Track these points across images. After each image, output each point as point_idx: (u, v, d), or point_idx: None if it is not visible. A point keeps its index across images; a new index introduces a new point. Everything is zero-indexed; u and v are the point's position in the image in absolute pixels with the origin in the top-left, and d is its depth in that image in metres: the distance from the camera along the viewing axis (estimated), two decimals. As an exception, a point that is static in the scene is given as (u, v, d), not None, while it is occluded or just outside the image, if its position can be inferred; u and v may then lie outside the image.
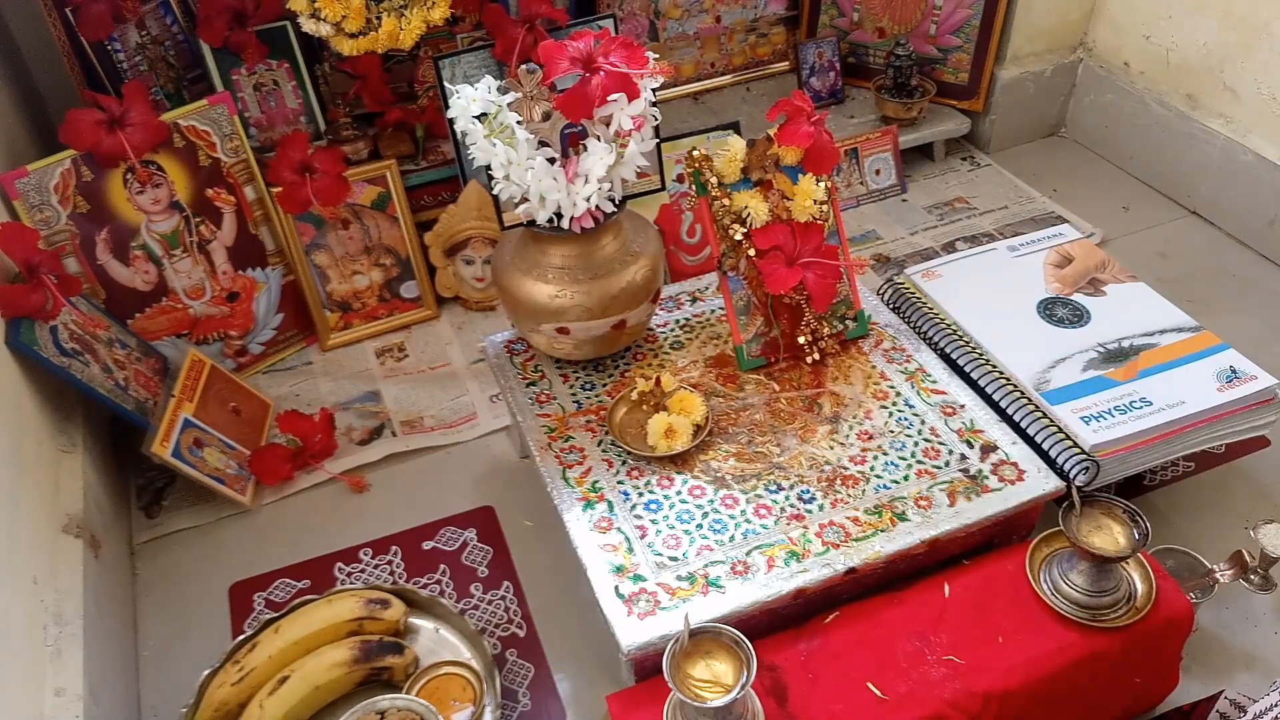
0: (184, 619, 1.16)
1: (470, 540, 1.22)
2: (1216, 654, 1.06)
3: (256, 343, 1.47)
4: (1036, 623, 0.93)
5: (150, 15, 1.45)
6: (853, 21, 1.88)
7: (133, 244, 1.33)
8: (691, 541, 0.98)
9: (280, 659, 1.02)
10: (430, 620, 1.10)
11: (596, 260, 1.09)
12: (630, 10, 1.76)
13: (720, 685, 0.81)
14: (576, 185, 1.02)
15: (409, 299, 1.55)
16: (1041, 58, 1.87)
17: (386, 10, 1.33)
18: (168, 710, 1.05)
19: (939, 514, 1.00)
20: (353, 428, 1.38)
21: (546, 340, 1.14)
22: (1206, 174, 1.70)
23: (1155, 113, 1.76)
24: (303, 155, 1.38)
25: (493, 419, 1.38)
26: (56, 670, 0.95)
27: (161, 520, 1.27)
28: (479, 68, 1.45)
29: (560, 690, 1.06)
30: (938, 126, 1.84)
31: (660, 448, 1.06)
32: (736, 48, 1.88)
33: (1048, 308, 1.22)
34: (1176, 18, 1.70)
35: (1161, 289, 1.25)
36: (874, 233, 1.73)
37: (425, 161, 1.54)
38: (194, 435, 1.25)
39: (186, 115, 1.33)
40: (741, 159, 1.13)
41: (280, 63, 1.47)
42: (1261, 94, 1.60)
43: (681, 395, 1.09)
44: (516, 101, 1.02)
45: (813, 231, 1.13)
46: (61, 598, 1.01)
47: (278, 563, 1.20)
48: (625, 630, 0.90)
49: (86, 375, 1.20)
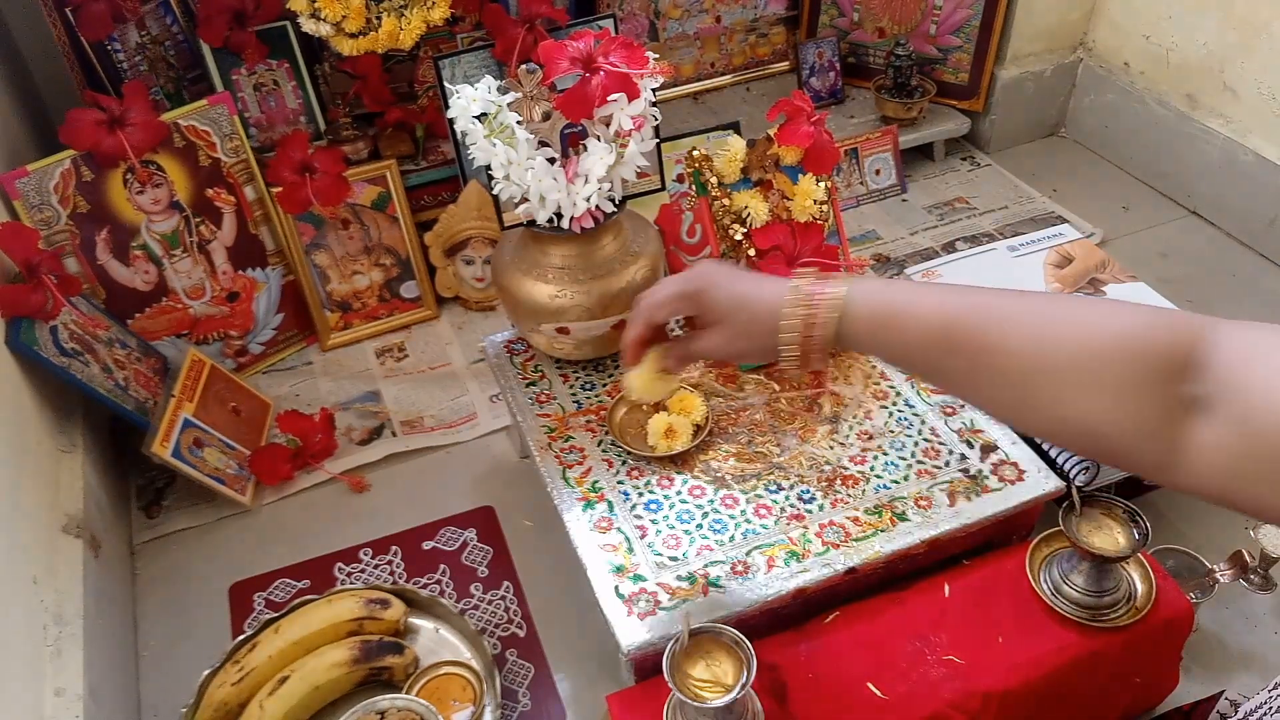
0: (184, 619, 1.16)
1: (470, 540, 1.22)
2: (1216, 654, 1.06)
3: (256, 343, 1.47)
4: (1036, 623, 0.93)
5: (150, 15, 1.45)
6: (853, 21, 1.88)
7: (133, 244, 1.33)
8: (691, 541, 0.98)
9: (280, 659, 1.02)
10: (430, 620, 1.10)
11: (596, 260, 1.09)
12: (630, 10, 1.76)
13: (720, 685, 0.81)
14: (576, 185, 1.02)
15: (409, 299, 1.55)
16: (1041, 58, 1.87)
17: (386, 10, 1.33)
18: (168, 710, 1.05)
19: (939, 514, 1.00)
20: (353, 428, 1.38)
21: (546, 340, 1.14)
22: (1206, 174, 1.70)
23: (1155, 113, 1.76)
24: (303, 155, 1.38)
25: (493, 419, 1.38)
26: (56, 670, 0.95)
27: (161, 520, 1.27)
28: (479, 68, 1.45)
29: (560, 690, 1.06)
30: (938, 126, 1.84)
31: (660, 448, 1.06)
32: (736, 48, 1.88)
33: (1048, 308, 1.22)
34: (1176, 18, 1.70)
35: (1161, 289, 1.25)
36: (874, 233, 1.73)
37: (425, 161, 1.54)
38: (194, 435, 1.25)
39: (186, 115, 1.33)
40: (741, 159, 1.13)
41: (280, 63, 1.47)
42: (1261, 94, 1.60)
43: (681, 395, 1.09)
44: (516, 101, 1.02)
45: (813, 231, 1.13)
46: (61, 598, 1.01)
47: (278, 563, 1.20)
48: (625, 630, 0.90)
49: (86, 375, 1.20)
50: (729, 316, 0.76)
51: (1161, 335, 0.58)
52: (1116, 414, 0.59)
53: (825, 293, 0.70)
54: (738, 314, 0.75)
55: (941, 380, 0.69)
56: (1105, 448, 0.60)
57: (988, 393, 0.65)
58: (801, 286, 0.72)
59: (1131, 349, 0.58)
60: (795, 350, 0.73)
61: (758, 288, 0.75)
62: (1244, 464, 0.54)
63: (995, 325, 0.63)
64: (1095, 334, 0.60)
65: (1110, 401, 0.59)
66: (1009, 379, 0.62)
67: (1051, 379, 0.60)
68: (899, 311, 0.68)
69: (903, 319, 0.68)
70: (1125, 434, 0.59)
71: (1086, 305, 0.65)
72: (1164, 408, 0.57)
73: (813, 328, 0.71)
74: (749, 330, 0.75)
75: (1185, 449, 0.57)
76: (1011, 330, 0.62)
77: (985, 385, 0.65)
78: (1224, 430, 0.55)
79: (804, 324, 0.71)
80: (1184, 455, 0.57)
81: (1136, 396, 0.58)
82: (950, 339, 0.64)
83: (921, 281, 0.85)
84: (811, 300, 0.71)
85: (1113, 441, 0.60)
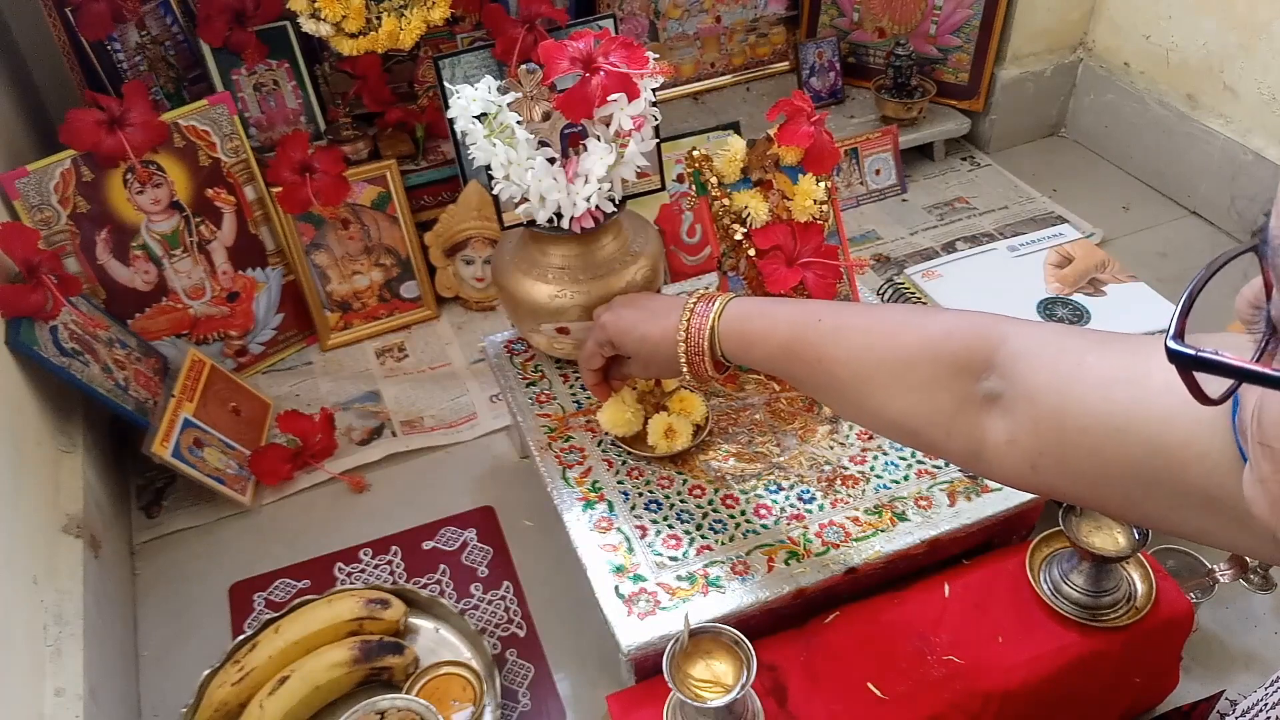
0: (184, 619, 1.16)
1: (470, 540, 1.22)
2: (1216, 654, 1.06)
3: (256, 343, 1.47)
4: (1036, 623, 0.93)
5: (150, 15, 1.45)
6: (853, 21, 1.88)
7: (133, 244, 1.33)
8: (691, 541, 0.98)
9: (280, 659, 1.02)
10: (430, 620, 1.10)
11: (596, 260, 1.09)
12: (630, 10, 1.76)
13: (720, 685, 0.81)
14: (576, 185, 1.02)
15: (409, 299, 1.55)
16: (1041, 58, 1.87)
17: (386, 10, 1.32)
18: (168, 710, 1.05)
19: (939, 514, 1.00)
20: (353, 428, 1.38)
21: (546, 340, 1.14)
22: (1206, 174, 1.70)
23: (1155, 113, 1.76)
24: (303, 155, 1.38)
25: (493, 419, 1.38)
26: (56, 670, 0.95)
27: (161, 520, 1.27)
28: (479, 68, 1.45)
29: (560, 690, 1.06)
30: (938, 126, 1.85)
31: (660, 448, 1.06)
32: (736, 48, 1.88)
33: (1048, 308, 1.22)
34: (1176, 18, 1.70)
35: (1161, 289, 1.25)
36: (874, 233, 1.73)
37: (425, 161, 1.54)
38: (194, 435, 1.25)
39: (186, 115, 1.33)
40: (741, 159, 1.13)
41: (280, 63, 1.47)
42: (1261, 94, 1.60)
43: (681, 395, 1.09)
44: (516, 101, 1.02)
45: (813, 231, 1.13)
46: (61, 598, 1.01)
47: (278, 563, 1.20)
48: (625, 630, 0.90)
49: (86, 375, 1.20)
50: (637, 352, 0.93)
51: (960, 337, 0.65)
52: (923, 409, 0.66)
53: (699, 325, 0.84)
54: (642, 349, 0.92)
55: (797, 385, 0.82)
56: (923, 441, 0.69)
57: (828, 394, 0.77)
58: (685, 319, 0.86)
59: (934, 350, 0.66)
60: (688, 373, 0.87)
61: (656, 325, 0.89)
62: (1037, 457, 0.60)
63: (830, 336, 0.73)
64: (906, 340, 0.69)
65: (917, 398, 0.66)
66: (843, 381, 0.72)
67: (873, 380, 0.69)
68: (753, 329, 0.81)
69: (757, 335, 0.81)
70: (935, 427, 0.66)
71: (905, 313, 0.77)
72: (961, 402, 0.64)
73: (697, 353, 0.85)
74: (654, 359, 0.91)
75: (985, 442, 0.63)
76: (842, 339, 0.72)
77: (825, 388, 0.75)
78: (1015, 424, 0.61)
79: (689, 351, 0.85)
80: (985, 448, 0.63)
81: (936, 393, 0.65)
82: (793, 350, 0.76)
83: (776, 299, 1.03)
84: (689, 329, 0.85)
85: (925, 436, 0.68)
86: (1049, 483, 0.61)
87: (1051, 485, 0.61)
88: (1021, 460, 0.61)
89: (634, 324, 0.92)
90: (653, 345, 0.89)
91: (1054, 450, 0.58)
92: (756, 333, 0.81)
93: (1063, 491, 0.61)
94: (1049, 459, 0.59)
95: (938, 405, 0.65)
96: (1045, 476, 0.60)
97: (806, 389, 0.82)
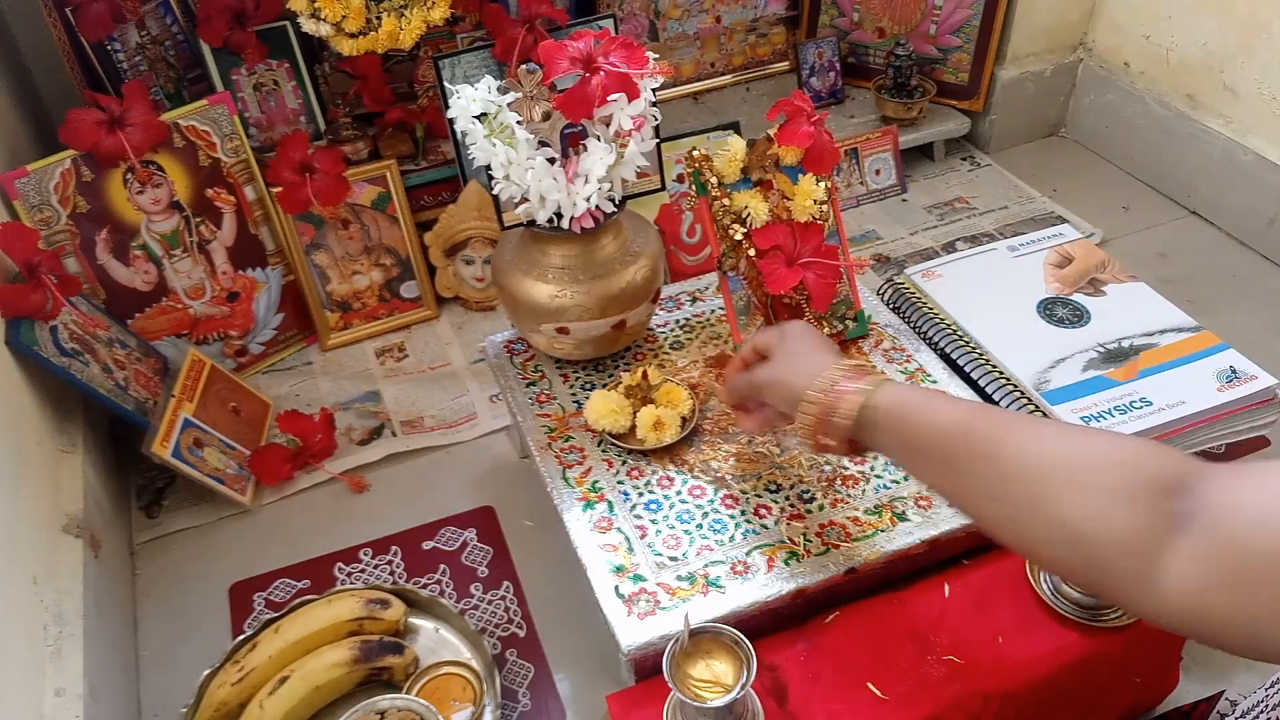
0: (184, 619, 1.16)
1: (470, 540, 1.22)
2: (1216, 654, 1.06)
3: (256, 343, 1.47)
4: (1036, 623, 0.93)
5: (150, 15, 1.45)
6: (853, 21, 1.88)
7: (133, 244, 1.33)
8: (691, 541, 0.98)
9: (280, 659, 1.02)
10: (430, 620, 1.10)
11: (596, 260, 1.09)
12: (630, 10, 1.76)
13: (720, 685, 0.81)
14: (576, 185, 1.02)
15: (409, 299, 1.55)
16: (1041, 58, 1.87)
17: (386, 10, 1.32)
18: (168, 710, 1.05)
19: (939, 514, 1.00)
20: (353, 428, 1.38)
21: (546, 340, 1.14)
22: (1206, 174, 1.70)
23: (1155, 113, 1.76)
24: (303, 155, 1.38)
25: (493, 419, 1.38)
26: (56, 670, 0.95)
27: (161, 520, 1.27)
28: (479, 68, 1.45)
29: (560, 690, 1.06)
30: (938, 126, 1.85)
31: (649, 440, 1.06)
32: (736, 48, 1.88)
33: (1048, 308, 1.22)
34: (1176, 18, 1.70)
35: (1161, 289, 1.25)
36: (874, 233, 1.73)
37: (425, 161, 1.54)
38: (194, 435, 1.26)
39: (186, 115, 1.33)
40: (741, 159, 1.13)
41: (280, 63, 1.47)
42: (1261, 94, 1.60)
43: (668, 387, 1.09)
44: (516, 101, 1.02)
45: (813, 231, 1.13)
46: (61, 598, 1.01)
47: (278, 563, 1.20)
48: (625, 630, 0.90)
49: (86, 375, 1.20)
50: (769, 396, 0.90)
51: (1159, 454, 0.63)
52: (1109, 516, 0.61)
53: (850, 387, 0.80)
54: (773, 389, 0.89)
55: (947, 475, 0.73)
56: (1090, 556, 0.62)
57: (980, 489, 0.70)
58: (831, 378, 0.82)
59: (1132, 459, 0.63)
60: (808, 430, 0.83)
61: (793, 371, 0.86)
62: (1215, 591, 0.57)
63: (1010, 427, 0.69)
64: (1100, 443, 0.66)
65: (1106, 501, 0.62)
66: (1014, 474, 0.67)
67: (1055, 476, 0.64)
68: (922, 405, 0.76)
69: (926, 412, 0.75)
70: (1112, 541, 0.61)
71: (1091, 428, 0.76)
72: (1153, 518, 0.60)
73: (832, 413, 0.80)
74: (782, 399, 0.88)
75: (1164, 566, 0.59)
76: (1025, 433, 0.68)
77: (979, 481, 0.70)
78: (1202, 547, 0.57)
79: (821, 410, 0.81)
80: (1161, 572, 0.59)
81: (1131, 501, 0.61)
82: (968, 434, 0.71)
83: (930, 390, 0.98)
84: (834, 388, 0.81)
85: (1099, 549, 0.62)
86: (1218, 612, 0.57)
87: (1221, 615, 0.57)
88: (1193, 590, 0.58)
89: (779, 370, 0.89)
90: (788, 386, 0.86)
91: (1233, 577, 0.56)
92: (925, 407, 0.75)
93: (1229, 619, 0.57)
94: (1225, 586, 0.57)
95: (1127, 514, 0.60)
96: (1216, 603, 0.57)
97: (958, 481, 0.72)
